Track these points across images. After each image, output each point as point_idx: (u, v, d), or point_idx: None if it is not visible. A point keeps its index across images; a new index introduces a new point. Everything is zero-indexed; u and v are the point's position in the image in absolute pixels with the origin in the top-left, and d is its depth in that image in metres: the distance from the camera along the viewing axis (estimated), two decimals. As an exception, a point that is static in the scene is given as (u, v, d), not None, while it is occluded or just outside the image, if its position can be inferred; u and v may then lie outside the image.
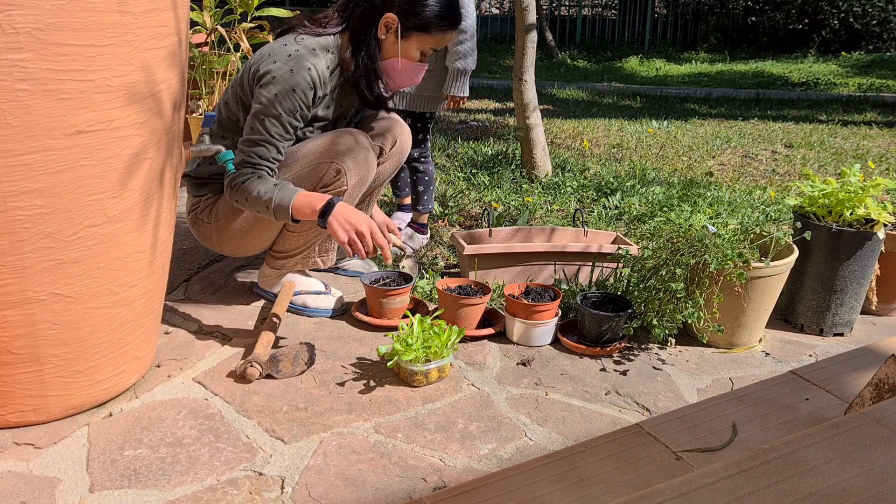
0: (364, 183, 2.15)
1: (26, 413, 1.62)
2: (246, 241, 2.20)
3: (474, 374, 1.96)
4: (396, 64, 2.11)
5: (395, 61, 2.11)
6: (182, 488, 1.47)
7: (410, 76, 2.15)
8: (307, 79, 1.99)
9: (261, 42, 4.03)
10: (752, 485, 1.03)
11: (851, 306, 2.25)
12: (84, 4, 1.38)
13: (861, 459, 1.09)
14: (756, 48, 11.89)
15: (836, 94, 7.82)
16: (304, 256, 2.25)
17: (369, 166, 2.14)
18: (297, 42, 2.03)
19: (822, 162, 4.57)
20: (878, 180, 2.22)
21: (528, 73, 3.67)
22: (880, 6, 11.20)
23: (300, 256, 2.25)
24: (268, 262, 2.28)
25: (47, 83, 1.37)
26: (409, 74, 2.14)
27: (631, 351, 2.12)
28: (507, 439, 1.68)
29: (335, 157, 2.08)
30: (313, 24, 2.10)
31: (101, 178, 1.50)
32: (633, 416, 1.79)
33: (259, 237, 2.20)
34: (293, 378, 1.89)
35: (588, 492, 1.42)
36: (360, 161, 2.11)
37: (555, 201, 3.44)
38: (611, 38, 12.48)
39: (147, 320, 1.78)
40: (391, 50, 2.10)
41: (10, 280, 1.47)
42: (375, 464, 1.57)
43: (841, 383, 1.84)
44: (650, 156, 4.62)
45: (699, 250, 2.04)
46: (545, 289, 2.23)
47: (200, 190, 2.22)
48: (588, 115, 6.21)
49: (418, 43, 2.09)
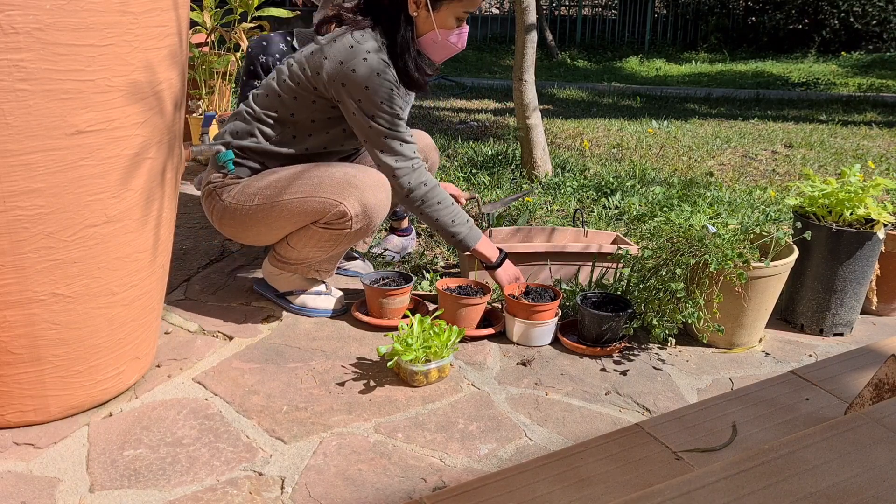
0: (369, 231, 2.11)
1: (26, 413, 1.62)
2: (255, 231, 2.13)
3: (474, 374, 1.96)
4: (436, 37, 2.10)
5: (433, 34, 2.10)
6: (182, 488, 1.47)
7: (454, 44, 2.14)
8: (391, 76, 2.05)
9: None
10: (752, 485, 1.03)
11: (851, 306, 2.25)
12: (84, 4, 1.38)
13: (861, 459, 1.09)
14: (756, 48, 11.88)
15: (837, 94, 7.82)
16: (303, 268, 2.21)
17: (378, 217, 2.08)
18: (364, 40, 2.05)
19: (822, 162, 4.56)
20: (878, 180, 2.22)
21: (528, 73, 3.67)
22: (880, 6, 11.20)
23: (300, 267, 2.20)
24: (269, 259, 2.27)
25: (47, 83, 1.37)
26: (451, 43, 2.13)
27: (631, 351, 2.12)
28: (507, 439, 1.68)
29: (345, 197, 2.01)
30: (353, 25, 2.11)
31: (101, 178, 1.50)
32: (633, 416, 1.79)
33: (269, 232, 2.13)
34: (293, 378, 1.89)
35: (588, 492, 1.42)
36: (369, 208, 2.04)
37: (555, 201, 3.44)
38: (611, 38, 12.48)
39: (147, 320, 1.78)
40: (426, 25, 2.09)
41: (10, 280, 1.47)
42: (375, 464, 1.57)
43: (841, 383, 1.84)
44: (650, 156, 4.62)
45: (699, 250, 2.04)
46: (545, 289, 2.23)
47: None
48: (588, 115, 6.21)
49: (451, 9, 2.07)
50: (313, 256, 2.16)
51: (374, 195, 2.03)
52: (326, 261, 2.20)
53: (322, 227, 2.05)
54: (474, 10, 2.14)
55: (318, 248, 2.12)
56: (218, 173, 2.14)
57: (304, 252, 2.14)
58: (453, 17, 2.09)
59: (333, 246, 2.11)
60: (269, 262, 2.26)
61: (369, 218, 2.05)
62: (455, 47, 2.16)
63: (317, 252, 2.14)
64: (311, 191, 2.02)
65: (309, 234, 2.08)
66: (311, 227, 2.06)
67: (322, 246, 2.11)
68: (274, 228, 2.10)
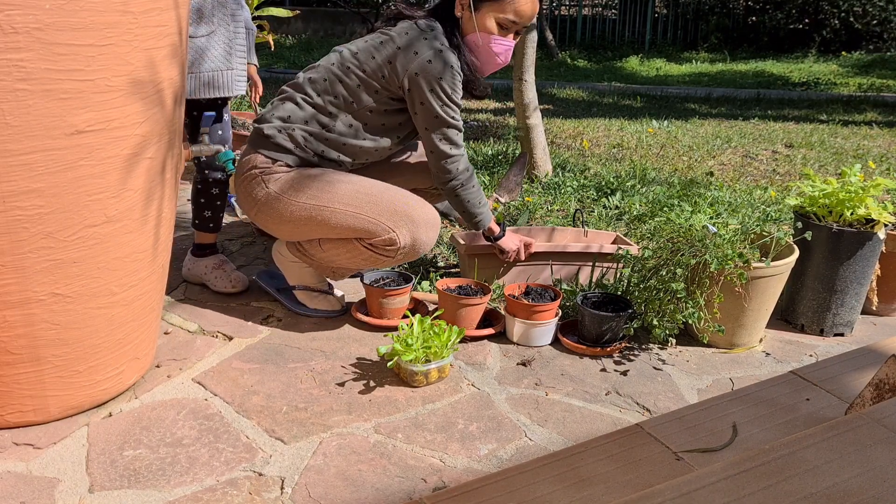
0: (406, 261, 2.11)
1: (26, 413, 1.62)
2: (291, 227, 2.08)
3: (474, 374, 1.96)
4: (477, 40, 2.10)
5: (474, 36, 2.10)
6: (182, 489, 1.47)
7: (495, 54, 2.13)
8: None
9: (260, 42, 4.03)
10: (753, 485, 1.03)
11: (852, 306, 2.24)
12: (84, 4, 1.37)
13: (861, 460, 1.09)
14: (756, 48, 11.89)
15: (837, 94, 7.82)
16: (322, 267, 2.20)
17: (422, 252, 2.09)
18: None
19: (822, 162, 4.56)
20: (879, 180, 2.22)
21: (528, 73, 3.67)
22: (880, 6, 11.20)
23: (320, 265, 2.19)
24: (288, 245, 2.22)
25: (47, 83, 1.37)
26: (492, 52, 2.12)
27: (631, 351, 2.12)
28: (507, 439, 1.67)
29: (399, 227, 2.01)
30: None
31: (100, 178, 1.50)
32: (634, 417, 1.79)
33: (306, 232, 2.09)
34: (293, 378, 1.89)
35: (588, 492, 1.42)
36: (418, 244, 2.05)
37: (555, 201, 3.44)
38: (611, 38, 12.48)
39: (147, 320, 1.78)
40: (468, 26, 2.10)
41: (9, 280, 1.47)
42: (375, 464, 1.57)
43: (841, 383, 1.84)
44: (650, 156, 4.62)
45: (699, 250, 2.04)
46: (545, 289, 2.23)
47: (278, 152, 2.08)
48: (588, 115, 6.21)
49: (492, 12, 2.07)
50: (340, 265, 2.16)
51: (427, 233, 2.05)
52: (349, 269, 2.21)
53: (366, 246, 2.04)
54: (519, 23, 2.11)
55: (350, 260, 2.11)
56: (265, 158, 2.08)
57: (332, 257, 2.13)
58: (494, 21, 2.08)
59: (366, 263, 2.11)
60: (287, 249, 2.22)
61: (415, 252, 2.06)
62: (496, 59, 2.14)
63: (346, 262, 2.13)
64: (366, 209, 2.01)
65: (348, 246, 2.07)
66: (354, 242, 2.06)
67: (355, 260, 2.10)
68: (314, 230, 2.07)
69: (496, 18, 2.08)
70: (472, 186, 2.21)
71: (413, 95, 2.07)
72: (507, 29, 2.11)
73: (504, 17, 2.08)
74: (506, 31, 2.11)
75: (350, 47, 2.14)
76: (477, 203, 2.23)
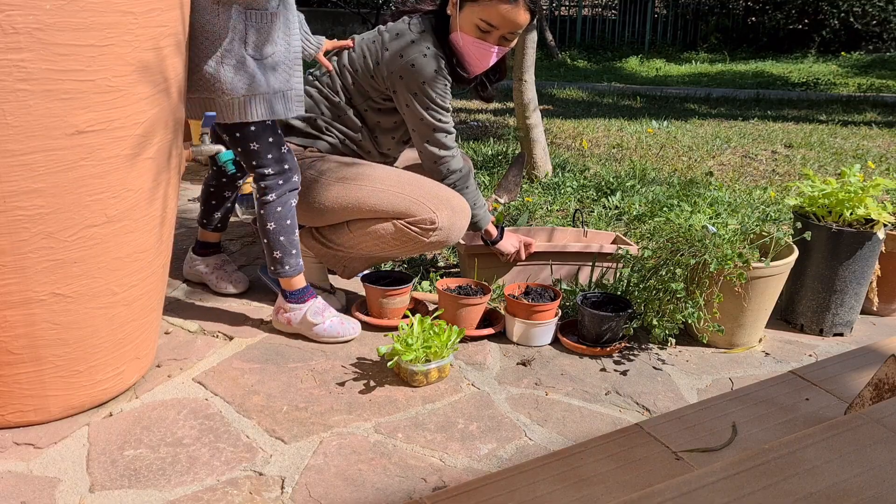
0: (435, 248, 2.14)
1: (26, 413, 1.62)
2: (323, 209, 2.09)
3: (474, 374, 1.96)
4: (458, 39, 2.10)
5: (455, 37, 2.11)
6: (182, 488, 1.47)
7: (477, 56, 2.12)
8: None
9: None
10: (752, 485, 1.03)
11: (851, 306, 2.25)
12: (84, 4, 1.38)
13: (861, 459, 1.09)
14: (756, 48, 11.89)
15: (836, 94, 7.83)
16: (335, 258, 2.21)
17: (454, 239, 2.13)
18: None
19: (822, 162, 4.56)
20: (878, 180, 2.22)
21: (528, 73, 3.67)
22: (880, 6, 11.20)
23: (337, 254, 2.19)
24: (302, 235, 2.22)
25: (47, 83, 1.37)
26: (474, 54, 2.12)
27: (631, 351, 2.12)
28: (507, 439, 1.68)
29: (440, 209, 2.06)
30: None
31: (101, 178, 1.50)
32: (633, 416, 1.79)
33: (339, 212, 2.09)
34: (293, 378, 1.89)
35: (588, 492, 1.42)
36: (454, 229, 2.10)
37: (555, 201, 3.44)
38: (611, 38, 12.48)
39: (147, 320, 1.78)
40: (454, 23, 2.10)
41: (10, 280, 1.47)
42: (375, 464, 1.57)
43: (841, 383, 1.84)
44: (650, 156, 4.62)
45: (699, 250, 2.04)
46: (545, 289, 2.23)
47: (309, 139, 2.17)
48: (588, 115, 6.21)
49: (473, 14, 2.06)
50: (361, 251, 2.16)
51: (461, 220, 2.11)
52: (365, 261, 2.22)
53: (405, 224, 2.06)
54: (499, 29, 2.06)
55: (376, 244, 2.12)
56: (296, 145, 2.15)
57: (357, 242, 2.13)
58: (474, 24, 2.07)
59: (393, 246, 2.12)
60: (302, 240, 2.21)
61: (448, 237, 2.10)
62: (476, 61, 2.13)
63: (371, 247, 2.13)
64: (408, 190, 2.06)
65: (379, 230, 2.08)
66: (388, 224, 2.07)
67: (382, 244, 2.11)
68: (351, 211, 2.07)
69: (476, 21, 2.07)
70: (467, 187, 2.22)
71: (399, 98, 2.10)
72: (486, 32, 2.08)
73: (483, 20, 2.06)
74: (486, 35, 2.08)
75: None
76: (472, 204, 2.24)
